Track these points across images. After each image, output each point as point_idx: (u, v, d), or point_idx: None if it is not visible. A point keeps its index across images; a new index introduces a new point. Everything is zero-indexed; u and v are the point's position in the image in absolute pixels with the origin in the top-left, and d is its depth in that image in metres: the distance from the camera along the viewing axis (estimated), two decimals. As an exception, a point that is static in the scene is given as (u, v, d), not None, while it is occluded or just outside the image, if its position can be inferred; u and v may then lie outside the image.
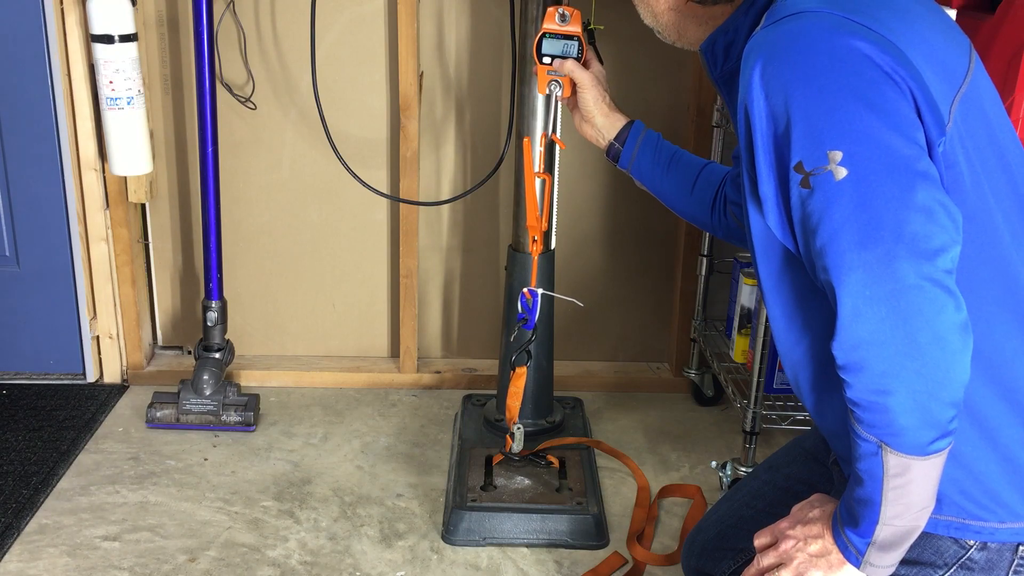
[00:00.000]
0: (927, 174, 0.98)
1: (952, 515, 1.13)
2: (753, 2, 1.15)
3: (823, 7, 1.03)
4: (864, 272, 0.97)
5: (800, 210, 1.02)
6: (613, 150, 1.56)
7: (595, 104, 1.54)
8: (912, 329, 0.96)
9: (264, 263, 2.50)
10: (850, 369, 1.00)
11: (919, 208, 0.96)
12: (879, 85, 0.99)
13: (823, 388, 1.17)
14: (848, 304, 0.98)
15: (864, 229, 0.97)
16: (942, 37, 1.09)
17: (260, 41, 2.32)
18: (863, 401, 1.00)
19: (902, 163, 0.97)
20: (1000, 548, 1.13)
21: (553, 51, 1.56)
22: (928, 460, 1.01)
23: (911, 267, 0.95)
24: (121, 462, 2.13)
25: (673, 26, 1.26)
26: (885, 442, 1.01)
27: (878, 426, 1.01)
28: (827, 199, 0.99)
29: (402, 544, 1.90)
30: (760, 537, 1.21)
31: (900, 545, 1.07)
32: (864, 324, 0.97)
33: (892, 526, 1.05)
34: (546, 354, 2.16)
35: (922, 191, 0.97)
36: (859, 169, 0.98)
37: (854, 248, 0.97)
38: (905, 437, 1.00)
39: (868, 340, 0.97)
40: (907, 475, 1.02)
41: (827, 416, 1.19)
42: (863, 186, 0.97)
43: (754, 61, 1.03)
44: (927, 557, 1.16)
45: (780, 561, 1.16)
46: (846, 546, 1.10)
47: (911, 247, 0.96)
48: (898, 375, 0.97)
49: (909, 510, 1.04)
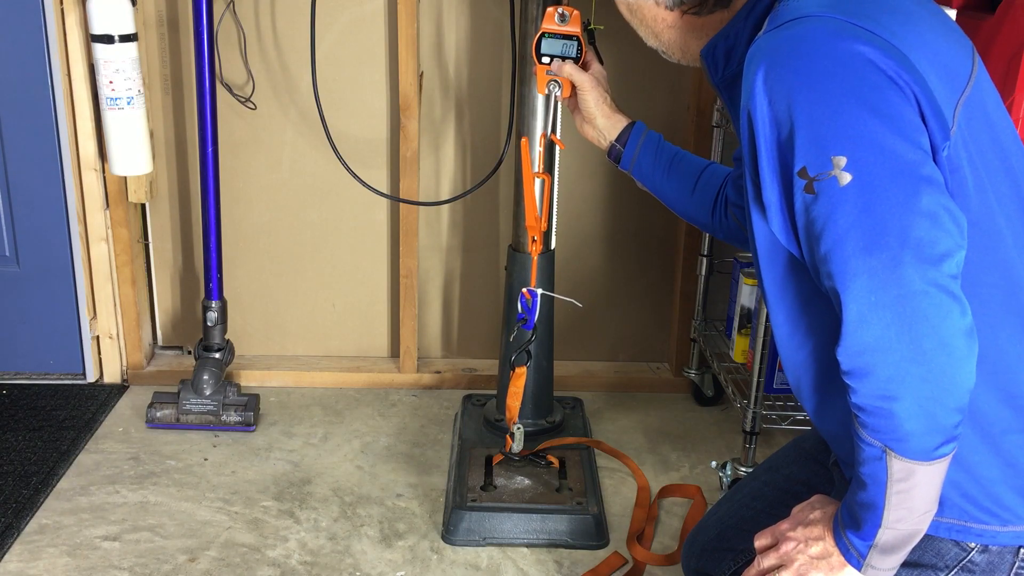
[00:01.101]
0: (932, 179, 0.98)
1: (954, 518, 1.13)
2: (753, 7, 1.15)
3: (826, 11, 1.03)
4: (869, 278, 0.96)
5: (804, 216, 1.02)
6: (615, 151, 1.55)
7: (596, 106, 1.54)
8: (918, 335, 0.96)
9: (264, 263, 2.50)
10: (855, 375, 1.00)
11: (924, 213, 0.96)
12: (883, 90, 0.99)
13: (825, 392, 1.17)
14: (853, 310, 0.97)
15: (869, 235, 0.97)
16: (945, 40, 1.09)
17: (260, 41, 2.32)
18: (868, 406, 1.00)
19: (907, 168, 0.97)
20: (1001, 551, 1.13)
21: (552, 51, 1.56)
22: (933, 465, 1.01)
23: (916, 272, 0.95)
24: (121, 462, 2.13)
25: (676, 44, 1.26)
26: (890, 447, 1.01)
27: (883, 431, 1.00)
28: (831, 205, 0.99)
29: (402, 544, 1.90)
30: (760, 538, 1.21)
31: (902, 548, 1.07)
32: (869, 330, 0.97)
33: (894, 530, 1.05)
34: (546, 354, 2.16)
35: (927, 196, 0.96)
36: (863, 174, 0.97)
37: (859, 254, 0.97)
38: (910, 442, 1.00)
39: (873, 346, 0.97)
40: (911, 480, 1.02)
41: (829, 420, 1.19)
42: (868, 191, 0.97)
43: (757, 66, 1.03)
44: (928, 559, 1.15)
45: (781, 563, 1.16)
46: (847, 549, 1.09)
47: (916, 252, 0.95)
48: (904, 381, 0.97)
49: (912, 514, 1.04)
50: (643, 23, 1.27)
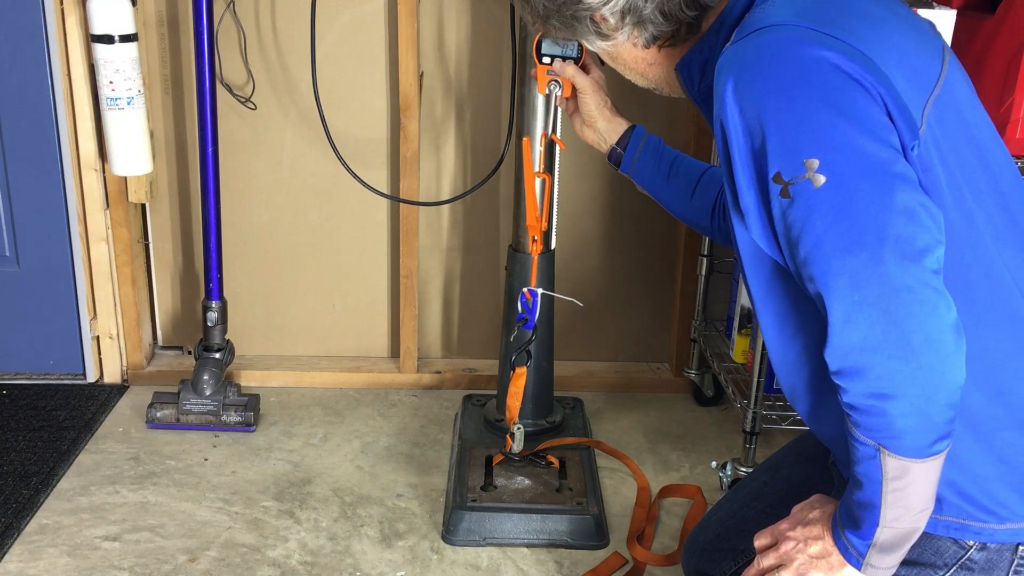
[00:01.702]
0: (905, 176, 0.98)
1: (951, 515, 1.13)
2: (723, 21, 1.16)
3: (791, 20, 1.04)
4: (851, 277, 0.97)
5: (782, 222, 1.03)
6: (615, 155, 1.56)
7: (597, 109, 1.54)
8: (904, 332, 0.96)
9: (264, 263, 2.50)
10: (845, 375, 1.00)
11: (900, 210, 0.96)
12: (849, 92, 1.00)
13: (818, 393, 1.17)
14: (838, 310, 0.98)
15: (847, 234, 0.97)
16: (913, 42, 1.09)
17: (260, 41, 2.32)
18: (860, 405, 1.00)
19: (879, 167, 0.98)
20: (1000, 548, 1.14)
21: (552, 51, 1.56)
22: (927, 462, 1.01)
23: (898, 269, 0.95)
24: (121, 462, 2.13)
25: (662, 79, 1.28)
26: (883, 445, 1.01)
27: (876, 429, 1.01)
28: (808, 208, 0.99)
29: (402, 544, 1.90)
30: (760, 538, 1.21)
31: (901, 547, 1.08)
32: (856, 330, 0.97)
33: (892, 528, 1.05)
34: (546, 354, 2.16)
35: (901, 193, 0.97)
36: (837, 175, 0.98)
37: (839, 254, 0.98)
38: (903, 440, 1.00)
39: (861, 345, 0.97)
40: (906, 478, 1.02)
41: (823, 421, 1.19)
42: (842, 192, 0.98)
43: (726, 76, 1.04)
44: (927, 558, 1.16)
45: (780, 562, 1.16)
46: (846, 548, 1.10)
47: (896, 249, 0.96)
48: (894, 379, 0.97)
49: (909, 512, 1.04)
50: (627, 67, 1.29)
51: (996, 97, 1.78)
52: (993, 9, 1.81)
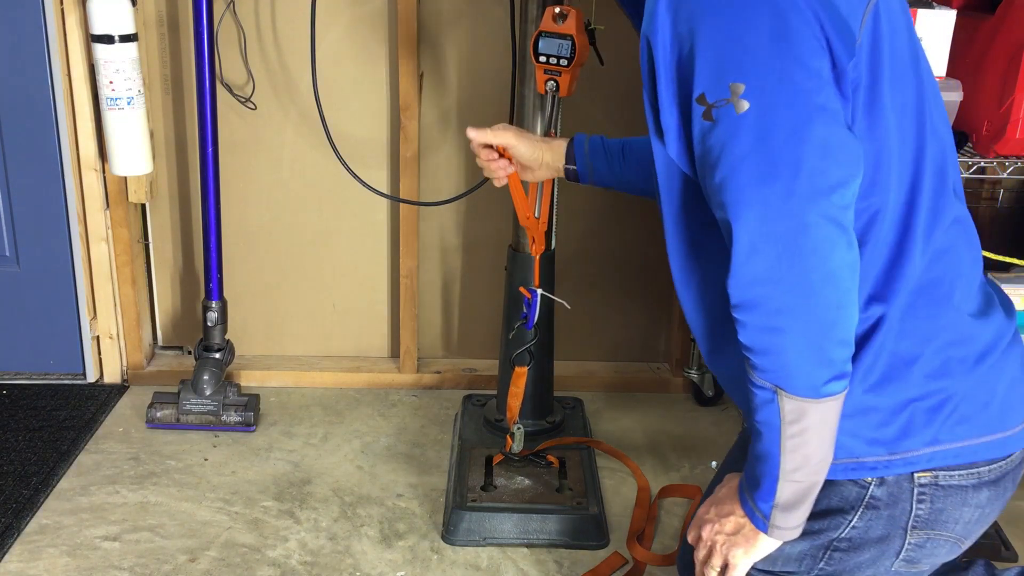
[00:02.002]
0: (826, 107, 0.98)
1: (845, 456, 1.13)
2: None
3: None
4: (762, 208, 0.97)
5: (701, 144, 1.02)
6: (570, 173, 1.58)
7: (531, 151, 1.55)
8: (807, 267, 0.97)
9: (264, 263, 2.50)
10: (744, 307, 1.00)
11: (817, 143, 0.97)
12: (784, 14, 0.99)
13: (720, 326, 1.18)
14: (744, 240, 0.98)
15: (763, 164, 0.97)
16: None
17: (260, 41, 2.32)
18: (756, 345, 1.01)
19: (802, 95, 0.98)
20: (897, 480, 1.14)
21: (549, 51, 1.57)
22: (823, 403, 1.02)
23: (808, 203, 0.96)
24: (121, 462, 2.13)
25: None
26: (780, 386, 1.01)
27: (771, 370, 1.01)
28: (728, 133, 0.99)
29: (402, 544, 1.90)
30: (690, 532, 1.21)
31: (802, 503, 1.08)
32: (760, 261, 0.98)
33: (793, 482, 1.06)
34: (546, 354, 2.16)
35: (820, 125, 0.97)
36: (760, 103, 0.98)
37: (753, 183, 0.98)
38: (799, 379, 1.01)
39: (764, 277, 0.98)
40: (803, 421, 1.02)
41: (722, 362, 1.20)
42: (763, 120, 0.98)
43: None
44: (834, 504, 1.16)
45: (708, 551, 1.16)
46: (753, 513, 1.10)
47: (809, 183, 0.96)
48: (791, 312, 0.98)
49: (808, 462, 1.05)
50: None
51: (996, 97, 1.78)
52: (993, 9, 1.81)
